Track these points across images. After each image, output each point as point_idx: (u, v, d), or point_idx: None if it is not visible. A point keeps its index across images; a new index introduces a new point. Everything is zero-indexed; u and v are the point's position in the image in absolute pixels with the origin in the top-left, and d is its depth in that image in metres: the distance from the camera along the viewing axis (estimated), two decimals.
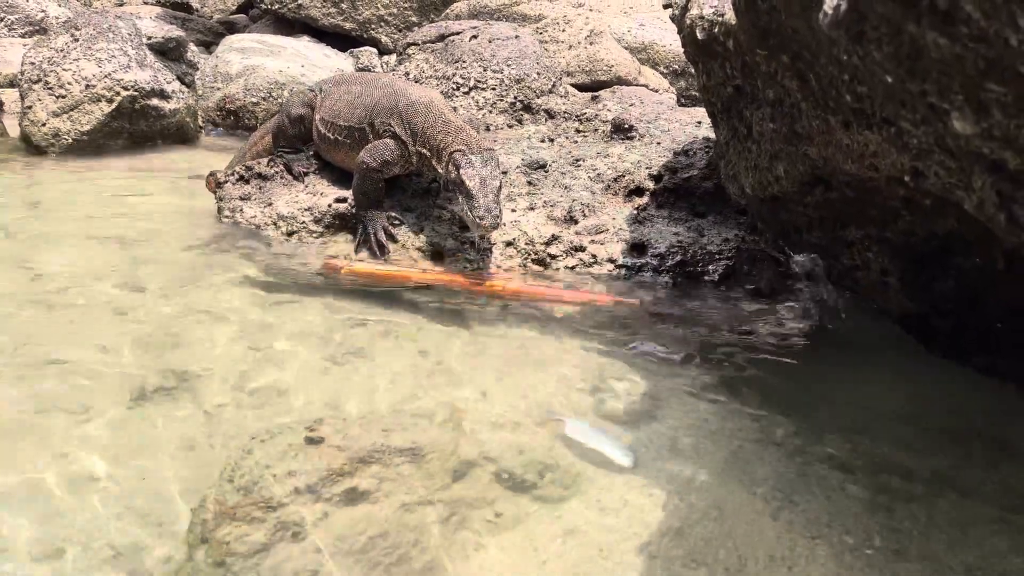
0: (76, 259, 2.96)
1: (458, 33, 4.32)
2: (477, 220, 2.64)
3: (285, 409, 2.00)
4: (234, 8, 9.25)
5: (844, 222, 2.21)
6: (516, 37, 4.13)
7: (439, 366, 2.30)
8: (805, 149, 1.89)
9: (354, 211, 3.04)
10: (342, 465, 1.62)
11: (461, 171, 2.72)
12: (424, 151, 2.92)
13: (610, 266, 2.97)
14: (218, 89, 5.24)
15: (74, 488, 1.70)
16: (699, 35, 2.08)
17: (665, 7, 2.42)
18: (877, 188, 1.87)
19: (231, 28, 8.21)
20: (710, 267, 2.95)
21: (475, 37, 4.18)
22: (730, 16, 1.93)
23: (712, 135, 3.49)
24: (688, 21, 2.12)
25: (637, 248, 3.02)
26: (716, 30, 2.02)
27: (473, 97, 4.09)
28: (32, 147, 4.40)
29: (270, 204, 3.20)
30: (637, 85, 5.54)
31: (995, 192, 1.21)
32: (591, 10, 7.53)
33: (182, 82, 4.87)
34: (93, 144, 4.42)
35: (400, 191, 3.16)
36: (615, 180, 3.31)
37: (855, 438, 2.00)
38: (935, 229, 2.03)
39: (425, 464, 1.69)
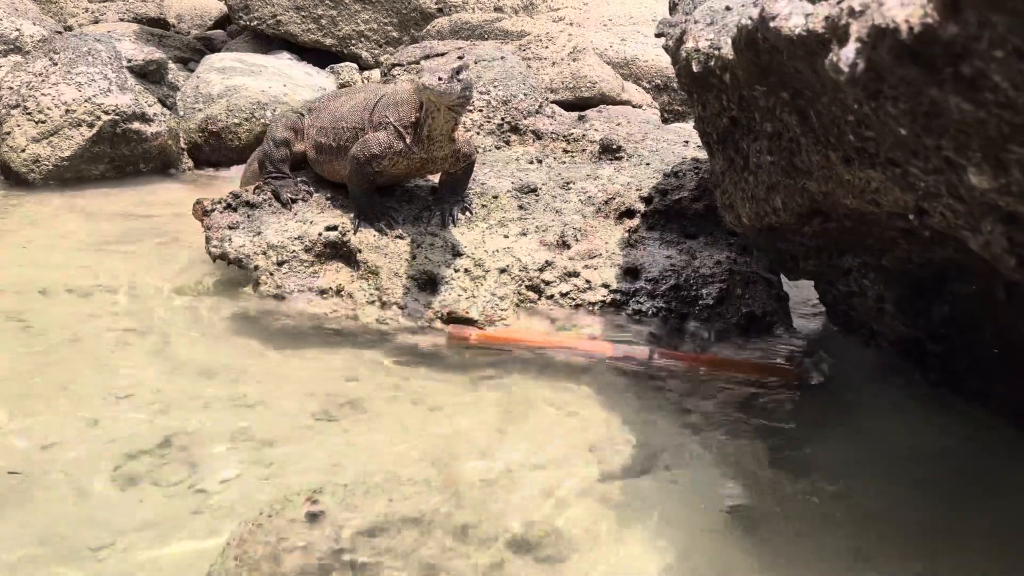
0: (63, 308, 2.88)
1: (443, 54, 4.30)
2: (423, 83, 2.59)
3: (283, 477, 1.95)
4: (211, 24, 9.17)
5: (841, 250, 2.23)
6: (502, 58, 4.13)
7: (437, 420, 2.28)
8: (804, 183, 1.90)
9: (352, 215, 3.10)
10: (343, 540, 1.59)
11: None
12: (419, 114, 2.90)
13: (604, 291, 2.97)
14: (200, 110, 5.18)
15: (66, 565, 1.64)
16: (695, 68, 2.09)
17: (657, 36, 2.42)
18: (876, 220, 1.88)
19: (209, 44, 8.14)
20: (703, 291, 2.96)
21: (460, 58, 4.17)
22: (727, 50, 1.94)
23: (700, 155, 3.51)
24: (684, 53, 2.13)
25: (631, 273, 3.03)
26: (712, 63, 2.02)
27: None
28: (12, 174, 4.32)
29: (259, 233, 3.16)
30: (621, 101, 5.55)
31: (1006, 239, 1.22)
32: (571, 24, 7.55)
33: (163, 104, 4.82)
34: (74, 169, 4.35)
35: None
36: (606, 203, 3.31)
37: (848, 488, 2.01)
38: (932, 257, 2.05)
39: (431, 533, 1.67)
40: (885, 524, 1.86)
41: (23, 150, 4.28)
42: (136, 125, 4.46)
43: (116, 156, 4.46)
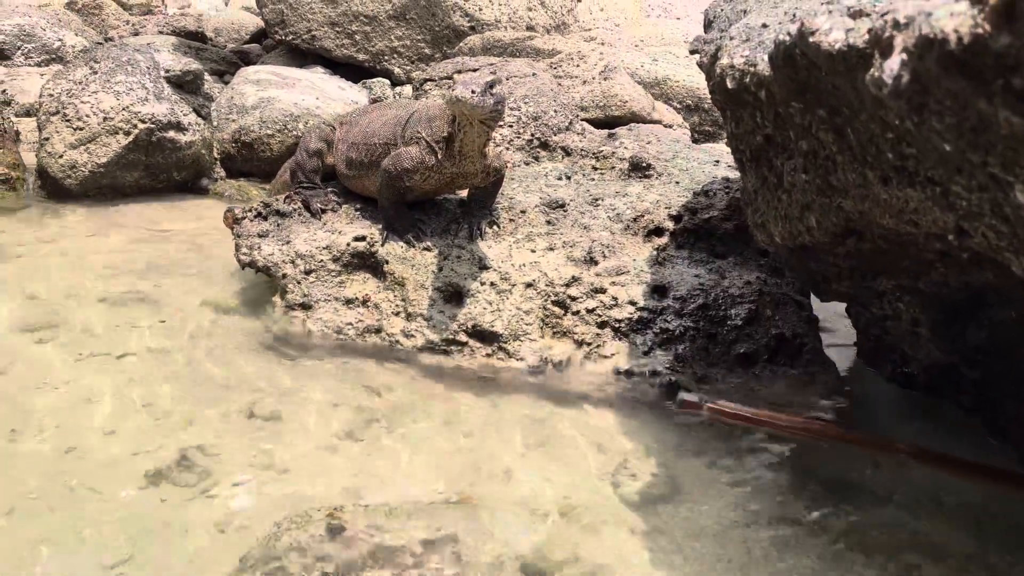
0: (92, 318, 2.90)
1: (475, 70, 4.32)
2: (456, 96, 2.60)
3: (304, 493, 1.93)
4: (247, 38, 9.32)
5: (875, 273, 2.18)
6: (533, 75, 4.14)
7: (460, 442, 2.25)
8: (839, 202, 1.86)
9: (380, 227, 3.13)
10: (364, 559, 1.57)
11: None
12: (451, 129, 2.89)
13: (631, 308, 2.94)
14: (233, 121, 5.25)
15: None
16: (729, 84, 2.07)
17: (692, 52, 2.41)
18: (913, 241, 1.84)
19: (244, 58, 8.26)
20: (732, 311, 2.92)
21: (493, 73, 4.18)
22: (763, 67, 1.92)
23: (731, 175, 3.48)
24: (718, 70, 2.11)
25: (658, 291, 3.00)
26: (747, 80, 2.00)
27: None
28: (48, 179, 4.40)
29: (288, 242, 3.18)
30: (651, 120, 5.54)
31: None
32: (602, 43, 7.57)
33: (198, 114, 4.88)
34: (109, 176, 4.41)
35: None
36: (634, 220, 3.29)
37: (879, 523, 1.95)
38: (970, 281, 2.00)
39: (451, 556, 1.64)
40: (919, 553, 1.81)
41: (61, 156, 4.36)
42: (171, 134, 4.52)
43: (151, 164, 4.52)
